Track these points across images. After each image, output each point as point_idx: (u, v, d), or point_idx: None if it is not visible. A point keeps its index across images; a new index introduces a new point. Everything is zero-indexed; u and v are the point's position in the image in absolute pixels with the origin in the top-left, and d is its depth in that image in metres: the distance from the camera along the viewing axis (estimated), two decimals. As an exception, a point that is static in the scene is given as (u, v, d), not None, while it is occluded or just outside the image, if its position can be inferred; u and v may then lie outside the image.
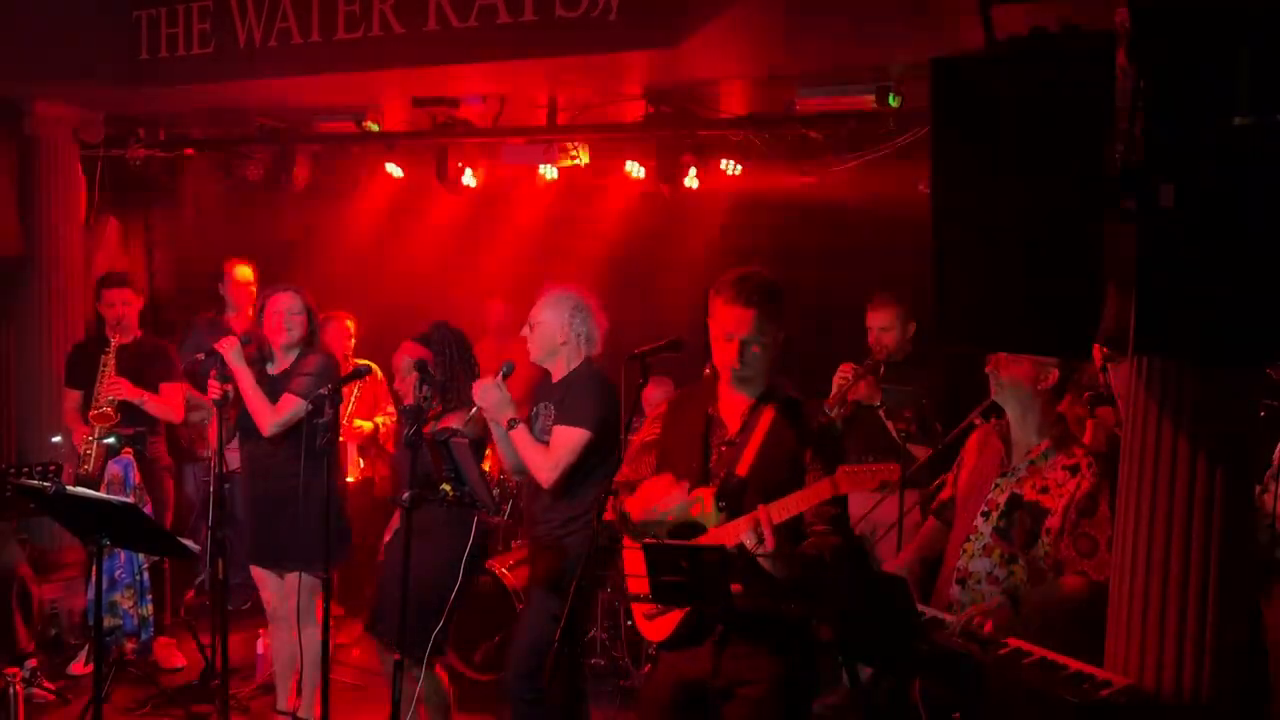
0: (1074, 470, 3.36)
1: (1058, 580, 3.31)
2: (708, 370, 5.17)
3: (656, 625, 3.24)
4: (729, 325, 3.17)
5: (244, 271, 6.42)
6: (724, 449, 3.23)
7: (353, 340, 6.36)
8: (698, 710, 3.23)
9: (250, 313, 6.28)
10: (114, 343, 5.43)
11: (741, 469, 3.16)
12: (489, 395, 4.04)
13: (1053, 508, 3.34)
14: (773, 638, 3.15)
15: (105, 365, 5.42)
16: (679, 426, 3.34)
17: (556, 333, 4.12)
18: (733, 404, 3.28)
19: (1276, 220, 2.29)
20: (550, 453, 4.00)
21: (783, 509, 3.02)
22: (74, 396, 5.61)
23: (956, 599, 3.44)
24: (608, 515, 3.27)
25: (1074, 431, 3.80)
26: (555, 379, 4.18)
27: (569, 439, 3.99)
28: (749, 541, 2.97)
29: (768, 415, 3.21)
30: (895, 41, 4.40)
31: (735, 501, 3.11)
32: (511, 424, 4.04)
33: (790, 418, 3.21)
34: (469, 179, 6.72)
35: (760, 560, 2.99)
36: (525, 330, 4.20)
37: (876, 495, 4.98)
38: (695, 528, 3.17)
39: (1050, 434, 3.44)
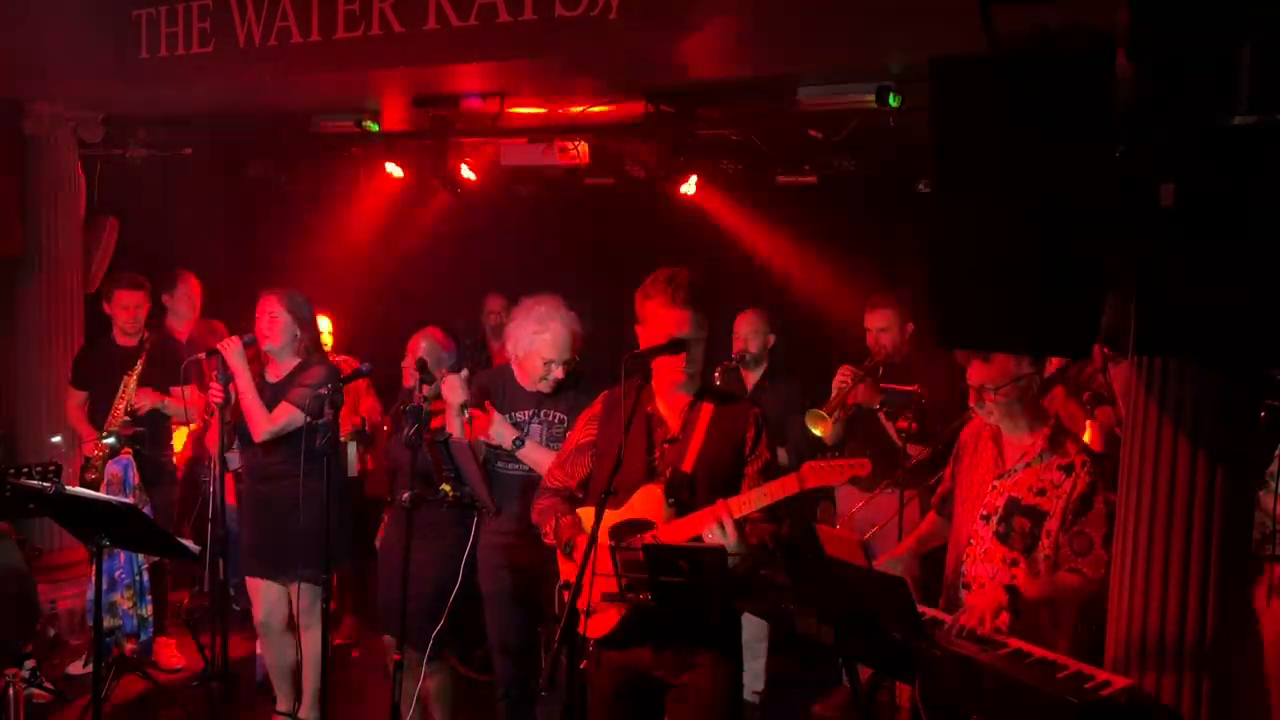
0: (1069, 470, 3.37)
1: (1054, 575, 3.32)
2: (719, 370, 5.20)
3: (594, 622, 3.25)
4: (672, 327, 3.21)
5: (193, 280, 6.36)
6: (666, 447, 3.30)
7: (330, 339, 6.29)
8: (643, 699, 3.31)
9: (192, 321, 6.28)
10: (139, 365, 5.40)
11: (687, 465, 3.24)
12: (500, 430, 4.13)
13: (1051, 510, 3.35)
14: (708, 629, 3.21)
15: (126, 386, 5.40)
16: (617, 427, 3.30)
17: (567, 345, 4.16)
18: (671, 402, 3.34)
19: (1276, 220, 2.29)
20: None
21: (744, 503, 3.10)
22: (77, 396, 5.61)
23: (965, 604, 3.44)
24: (549, 539, 3.36)
25: (1069, 429, 3.80)
26: (547, 388, 4.21)
27: None
28: (709, 536, 3.07)
29: (707, 411, 3.29)
30: (895, 41, 4.40)
31: (683, 496, 3.20)
32: (517, 444, 4.12)
33: (727, 411, 3.31)
34: (468, 178, 6.72)
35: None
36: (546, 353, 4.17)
37: (879, 495, 5.01)
38: (643, 525, 3.21)
39: (1041, 430, 3.45)
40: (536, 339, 4.16)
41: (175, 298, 6.23)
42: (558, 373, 4.17)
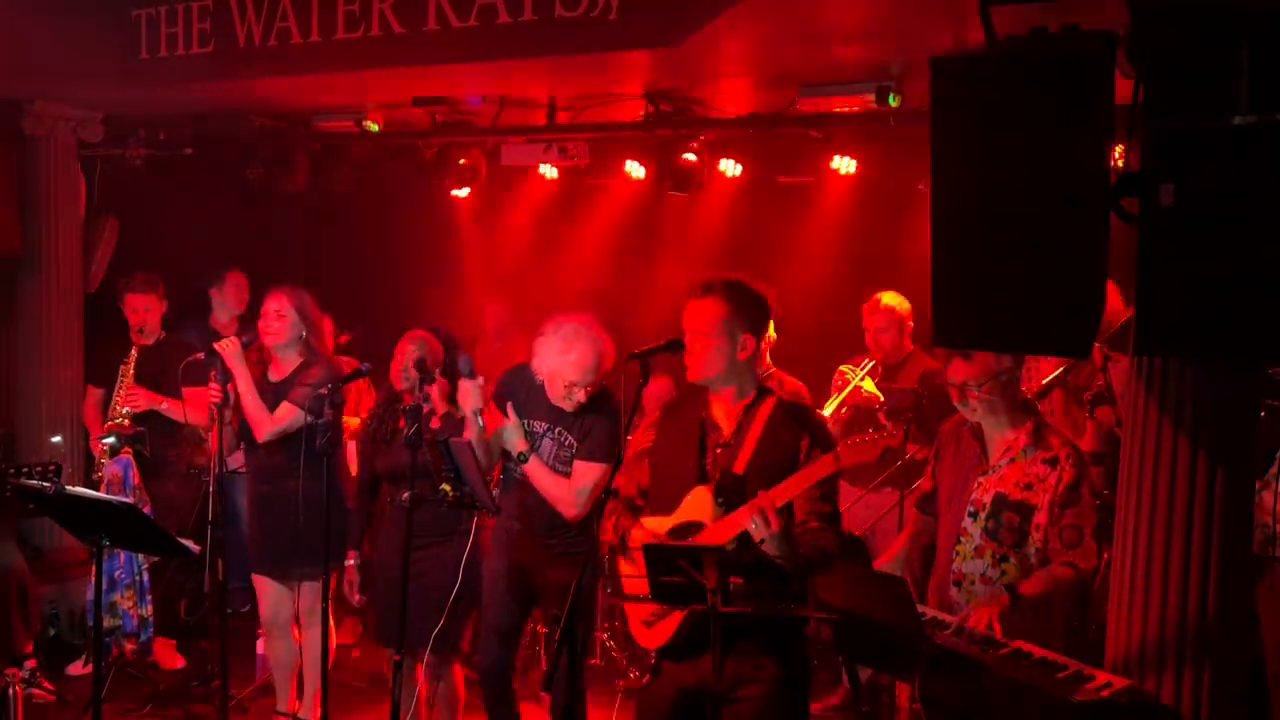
0: (1053, 463, 3.39)
1: (1048, 571, 3.32)
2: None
3: (654, 632, 3.23)
4: (684, 321, 3.22)
5: (240, 276, 6.38)
6: (719, 450, 3.26)
7: (331, 340, 6.27)
8: (699, 715, 3.20)
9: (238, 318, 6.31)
10: (132, 353, 5.40)
11: (738, 467, 3.19)
12: (512, 438, 4.06)
13: (1039, 503, 3.37)
14: (771, 640, 3.16)
15: (124, 376, 5.40)
16: (672, 433, 3.34)
17: (594, 369, 4.00)
18: (726, 406, 3.30)
19: (1276, 219, 2.29)
20: (575, 487, 4.01)
21: (785, 490, 3.06)
22: (95, 393, 5.61)
23: (955, 601, 3.45)
24: (608, 536, 3.33)
25: (1064, 430, 3.82)
26: (569, 408, 4.06)
27: (593, 474, 3.98)
28: (753, 527, 3.01)
29: (762, 414, 3.24)
30: (895, 41, 4.40)
31: (733, 497, 3.15)
32: (522, 457, 4.05)
33: (785, 416, 3.25)
34: (468, 179, 6.72)
35: (765, 548, 3.01)
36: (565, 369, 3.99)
37: (878, 494, 5.01)
38: (694, 527, 3.18)
39: (1024, 424, 3.45)
40: (561, 359, 3.99)
41: (223, 292, 6.31)
42: (580, 395, 4.00)
